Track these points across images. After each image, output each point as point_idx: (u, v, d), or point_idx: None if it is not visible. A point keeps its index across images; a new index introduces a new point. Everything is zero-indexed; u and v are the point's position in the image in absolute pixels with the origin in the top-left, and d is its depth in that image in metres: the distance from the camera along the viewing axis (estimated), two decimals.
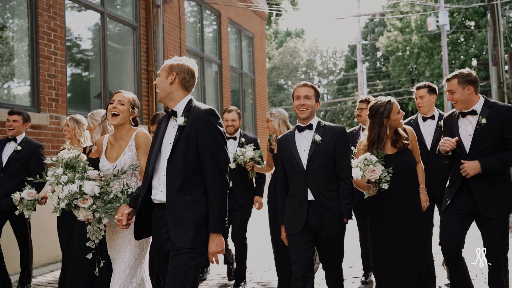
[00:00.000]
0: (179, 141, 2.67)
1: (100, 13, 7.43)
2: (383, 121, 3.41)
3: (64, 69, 6.51)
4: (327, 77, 39.05)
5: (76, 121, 4.36)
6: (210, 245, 2.65)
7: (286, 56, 37.58)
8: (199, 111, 2.70)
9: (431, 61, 23.89)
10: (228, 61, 11.40)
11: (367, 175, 3.22)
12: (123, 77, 8.14)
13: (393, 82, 28.63)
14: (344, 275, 4.37)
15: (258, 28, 13.52)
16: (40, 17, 6.16)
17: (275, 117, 4.53)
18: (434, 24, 20.37)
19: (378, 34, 30.11)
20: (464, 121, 3.54)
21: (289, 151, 3.40)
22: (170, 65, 2.78)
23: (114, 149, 3.11)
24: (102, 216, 2.81)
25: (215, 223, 2.62)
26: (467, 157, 3.45)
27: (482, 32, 22.12)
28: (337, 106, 34.44)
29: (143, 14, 8.30)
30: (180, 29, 9.36)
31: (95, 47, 7.62)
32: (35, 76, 6.12)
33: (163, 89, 2.77)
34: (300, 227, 3.30)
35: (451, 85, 3.52)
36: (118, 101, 3.06)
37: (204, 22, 10.84)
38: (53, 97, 6.33)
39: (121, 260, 2.97)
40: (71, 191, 2.77)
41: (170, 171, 2.66)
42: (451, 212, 3.48)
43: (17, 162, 4.66)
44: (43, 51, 6.18)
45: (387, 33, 27.14)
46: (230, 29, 11.86)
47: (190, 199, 2.64)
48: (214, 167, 2.63)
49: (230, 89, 11.50)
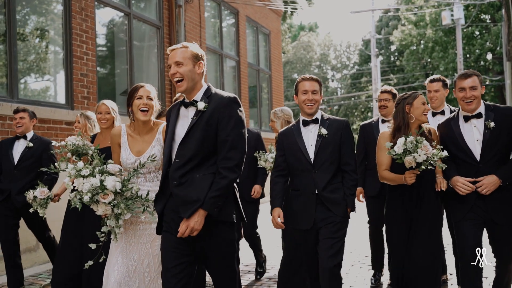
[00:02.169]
0: (196, 126, 2.61)
1: (126, 14, 7.80)
2: (405, 108, 3.35)
3: (95, 68, 6.90)
4: (341, 71, 39.10)
5: (87, 117, 4.50)
6: (191, 218, 2.53)
7: (299, 50, 37.70)
8: (222, 98, 2.65)
9: (445, 55, 23.87)
10: (246, 58, 11.72)
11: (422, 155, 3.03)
12: (147, 75, 8.52)
13: (407, 76, 28.64)
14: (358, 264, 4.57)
15: (274, 25, 13.80)
16: (73, 19, 6.54)
17: (278, 118, 4.54)
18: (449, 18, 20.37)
19: (392, 28, 30.09)
20: (468, 126, 3.32)
21: (295, 145, 3.35)
22: (196, 53, 2.70)
23: (137, 142, 3.07)
24: (123, 212, 2.75)
25: (209, 201, 2.53)
26: (479, 164, 3.25)
27: (498, 25, 22.03)
28: (351, 101, 34.53)
29: (166, 14, 8.66)
30: (201, 27, 9.70)
31: (122, 46, 8.00)
32: (69, 75, 6.51)
33: (191, 79, 2.67)
34: (310, 223, 3.27)
35: (474, 81, 3.28)
36: (146, 96, 3.01)
37: (223, 20, 11.16)
38: (85, 95, 6.72)
39: (150, 255, 2.98)
40: (93, 185, 2.71)
41: (182, 153, 2.61)
42: (469, 220, 3.29)
43: (30, 159, 4.68)
44: (76, 51, 6.57)
45: (402, 27, 27.14)
46: (248, 27, 12.16)
47: (200, 178, 2.60)
48: (232, 156, 2.58)
49: (248, 85, 11.83)
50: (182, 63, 2.65)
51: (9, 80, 5.82)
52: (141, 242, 2.98)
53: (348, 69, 38.78)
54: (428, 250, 3.35)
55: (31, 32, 6.63)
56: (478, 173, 3.25)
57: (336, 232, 3.23)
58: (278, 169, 3.46)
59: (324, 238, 3.23)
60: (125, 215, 2.76)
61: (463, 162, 3.31)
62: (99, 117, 4.10)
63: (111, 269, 2.95)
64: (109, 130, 3.93)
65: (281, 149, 3.45)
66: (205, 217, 2.56)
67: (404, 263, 3.42)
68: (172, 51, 2.71)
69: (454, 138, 3.34)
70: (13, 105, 5.67)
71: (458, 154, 3.32)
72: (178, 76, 2.65)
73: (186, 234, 2.55)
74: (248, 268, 5.51)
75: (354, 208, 3.33)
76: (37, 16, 6.77)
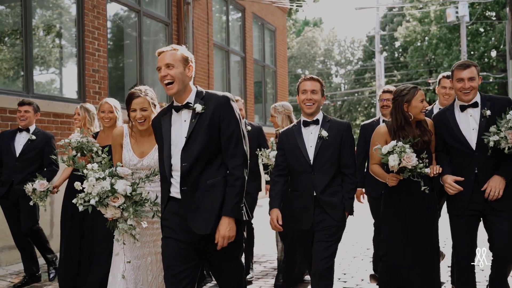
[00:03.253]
0: (197, 129, 2.59)
1: (136, 11, 7.98)
2: (403, 106, 3.30)
3: (106, 64, 7.09)
4: (345, 67, 39.17)
5: (87, 109, 4.52)
6: (221, 228, 2.53)
7: (303, 46, 37.77)
8: (218, 98, 2.65)
9: (449, 52, 23.91)
10: (252, 54, 11.89)
11: (404, 162, 3.05)
12: (155, 70, 8.69)
13: (411, 72, 28.70)
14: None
15: (280, 22, 13.94)
16: (86, 17, 6.73)
17: (279, 113, 4.55)
18: (453, 15, 20.38)
19: (396, 24, 30.13)
20: (463, 116, 3.32)
21: (295, 145, 3.33)
22: (186, 56, 2.66)
23: (139, 144, 3.09)
24: (130, 216, 2.73)
25: (232, 207, 2.54)
26: (474, 152, 3.27)
27: (503, 23, 22.06)
28: (354, 96, 34.63)
29: (174, 11, 8.83)
30: (208, 24, 9.87)
31: (132, 43, 8.19)
32: (81, 71, 6.71)
33: (182, 81, 2.62)
34: (309, 223, 3.27)
35: (471, 72, 3.27)
36: (140, 108, 3.04)
37: (230, 16, 11.32)
38: (97, 90, 6.92)
39: (153, 252, 3.03)
40: (104, 188, 2.69)
41: (188, 158, 2.58)
42: (465, 218, 3.33)
43: (32, 151, 4.70)
44: (88, 48, 6.76)
45: (406, 23, 27.19)
46: (254, 23, 12.32)
47: (210, 184, 2.59)
48: (239, 152, 2.61)
49: (253, 80, 12.00)
50: (173, 65, 2.60)
51: (25, 76, 6.02)
52: (144, 240, 3.00)
53: (352, 64, 38.84)
54: (427, 251, 3.34)
55: (45, 29, 6.83)
56: (473, 161, 3.27)
57: (331, 236, 3.23)
58: (278, 169, 3.43)
59: (319, 241, 3.25)
60: (131, 220, 2.73)
61: (459, 152, 3.31)
62: (102, 116, 4.10)
63: (117, 268, 2.99)
64: (112, 128, 3.93)
65: (281, 148, 3.43)
66: (216, 219, 2.56)
67: (400, 265, 3.38)
68: (161, 54, 2.67)
69: (449, 128, 3.33)
70: (29, 100, 5.87)
71: (454, 144, 3.32)
72: (169, 78, 2.60)
73: (226, 244, 2.56)
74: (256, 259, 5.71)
75: (352, 212, 3.32)
76: (51, 13, 6.96)
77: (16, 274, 5.20)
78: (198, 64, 9.39)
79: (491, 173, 3.24)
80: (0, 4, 6.32)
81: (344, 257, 5.61)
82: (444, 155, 3.41)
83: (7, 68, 6.41)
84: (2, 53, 6.31)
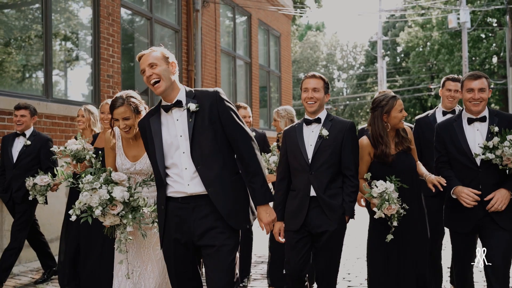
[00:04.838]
0: (198, 127, 2.56)
1: (148, 19, 8.25)
2: (382, 116, 3.25)
3: (120, 70, 7.35)
4: (347, 71, 39.43)
5: (90, 111, 4.56)
6: (262, 216, 2.57)
7: (306, 50, 38.05)
8: (210, 93, 2.63)
9: (451, 57, 24.13)
10: (257, 59, 12.15)
11: (384, 211, 3.06)
12: None
13: (412, 78, 28.95)
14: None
15: (285, 28, 14.22)
16: (101, 24, 7.00)
17: (282, 117, 4.51)
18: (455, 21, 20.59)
19: (399, 29, 30.40)
20: (470, 129, 3.26)
21: (295, 144, 3.24)
22: (166, 55, 2.64)
23: (132, 147, 3.00)
24: (129, 224, 2.69)
25: (263, 194, 2.56)
26: (478, 169, 3.18)
27: (504, 29, 22.30)
28: (356, 101, 34.88)
29: (184, 18, 9.10)
30: (216, 31, 10.13)
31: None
32: (96, 76, 6.97)
33: (168, 78, 2.59)
34: (299, 224, 3.15)
35: (482, 83, 3.21)
36: (122, 118, 2.89)
37: (236, 23, 11.60)
38: (111, 95, 7.17)
39: (153, 259, 2.94)
40: (102, 197, 2.63)
41: (200, 158, 2.53)
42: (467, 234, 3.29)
43: (28, 157, 4.63)
44: (103, 54, 7.03)
45: (408, 29, 27.46)
46: (259, 29, 12.59)
47: (235, 179, 2.61)
48: (248, 141, 2.60)
49: (259, 85, 12.27)
50: (156, 64, 2.58)
51: (45, 81, 6.28)
52: (142, 246, 2.94)
53: (354, 69, 39.09)
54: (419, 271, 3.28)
55: (63, 36, 7.10)
56: (477, 178, 3.18)
57: (330, 252, 3.15)
58: (281, 170, 3.36)
59: (320, 250, 3.18)
60: (129, 227, 2.69)
61: (462, 166, 3.24)
62: (103, 117, 4.09)
63: (119, 279, 2.95)
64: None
65: (284, 148, 3.35)
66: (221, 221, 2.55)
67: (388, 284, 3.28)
68: (141, 57, 2.65)
69: (456, 140, 3.25)
70: (48, 104, 6.13)
71: (456, 155, 3.25)
72: (154, 77, 2.57)
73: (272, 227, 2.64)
74: (261, 259, 5.94)
75: (353, 215, 3.18)
76: (68, 20, 7.23)
77: (36, 271, 5.43)
78: (206, 69, 9.65)
79: (494, 188, 3.14)
80: (22, 12, 6.59)
81: (348, 258, 5.86)
82: (449, 167, 3.35)
83: (29, 73, 6.68)
84: (24, 59, 6.58)
